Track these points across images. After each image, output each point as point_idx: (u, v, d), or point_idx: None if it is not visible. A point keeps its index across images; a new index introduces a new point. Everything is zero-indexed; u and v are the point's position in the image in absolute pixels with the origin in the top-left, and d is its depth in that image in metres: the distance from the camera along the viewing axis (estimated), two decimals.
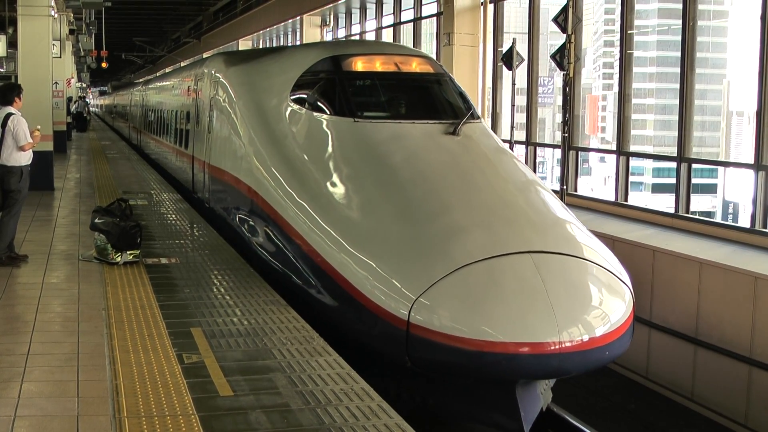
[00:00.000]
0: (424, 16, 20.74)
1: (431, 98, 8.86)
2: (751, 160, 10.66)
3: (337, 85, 8.60)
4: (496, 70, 17.33)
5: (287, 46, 24.98)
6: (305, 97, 8.72)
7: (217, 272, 8.36)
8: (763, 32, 10.33)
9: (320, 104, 8.64)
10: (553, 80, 18.29)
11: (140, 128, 24.87)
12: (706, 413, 9.51)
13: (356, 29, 25.63)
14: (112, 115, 45.92)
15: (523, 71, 15.93)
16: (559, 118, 15.64)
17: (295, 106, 8.68)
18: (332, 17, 27.33)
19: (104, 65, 38.70)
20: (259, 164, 8.64)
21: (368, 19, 24.68)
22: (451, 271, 6.13)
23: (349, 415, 4.81)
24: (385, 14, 23.32)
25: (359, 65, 8.83)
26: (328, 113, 8.45)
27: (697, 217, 11.98)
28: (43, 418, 4.75)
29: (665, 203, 13.07)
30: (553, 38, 17.05)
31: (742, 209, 19.99)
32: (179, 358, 5.72)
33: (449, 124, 8.19)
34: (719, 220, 16.32)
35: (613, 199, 13.31)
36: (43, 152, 13.15)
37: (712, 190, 23.16)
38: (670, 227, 11.66)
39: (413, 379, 6.50)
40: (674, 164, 11.95)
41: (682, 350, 9.92)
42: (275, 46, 32.65)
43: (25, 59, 15.42)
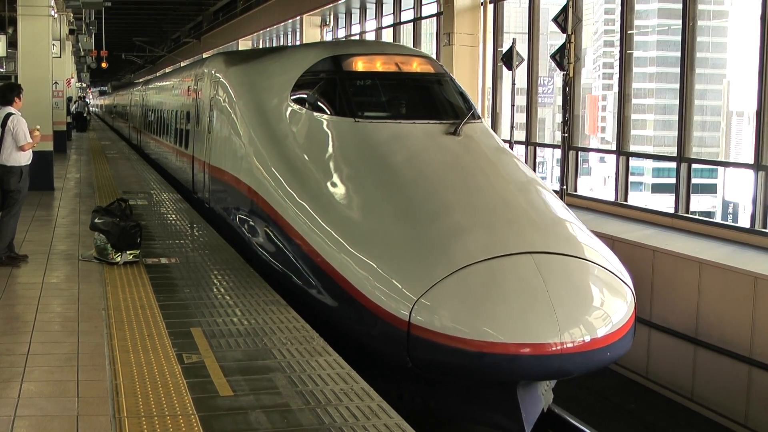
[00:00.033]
0: (424, 16, 20.74)
1: (432, 98, 8.84)
2: (750, 160, 10.66)
3: (337, 85, 8.58)
4: (496, 70, 17.33)
5: (287, 45, 24.98)
6: (306, 97, 8.70)
7: (217, 272, 8.36)
8: (762, 32, 10.33)
9: (321, 104, 8.61)
10: (553, 80, 18.28)
11: (140, 128, 24.86)
12: (706, 413, 9.51)
13: (356, 29, 25.63)
14: (112, 115, 45.91)
15: (523, 71, 15.93)
16: (559, 118, 15.64)
17: (295, 106, 8.66)
18: (332, 17, 27.33)
19: (104, 65, 38.69)
20: (259, 164, 8.62)
21: (368, 19, 24.68)
22: (452, 271, 6.11)
23: (349, 415, 4.81)
24: (385, 14, 23.32)
25: (360, 65, 8.81)
26: (328, 113, 8.43)
27: (696, 217, 11.98)
28: (42, 418, 4.75)
29: (665, 203, 13.07)
30: (553, 38, 17.05)
31: (741, 209, 19.99)
32: (179, 358, 5.72)
33: (450, 124, 8.16)
34: (719, 220, 16.33)
35: (613, 199, 13.31)
36: (43, 152, 13.15)
37: (711, 190, 23.17)
38: (670, 227, 11.66)
39: (414, 380, 6.47)
40: (674, 164, 11.96)
41: (682, 350, 9.92)
42: (275, 46, 32.64)
43: (25, 59, 15.42)
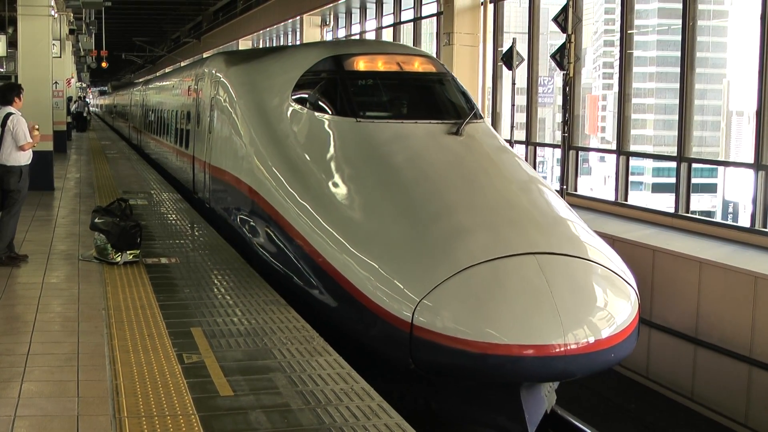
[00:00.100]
0: (424, 15, 20.74)
1: (434, 98, 8.80)
2: (750, 159, 10.66)
3: (338, 84, 8.54)
4: (496, 69, 17.33)
5: (288, 45, 24.98)
6: (307, 96, 8.66)
7: (217, 272, 8.36)
8: (762, 32, 10.33)
9: (322, 104, 8.57)
10: (553, 80, 18.29)
11: (140, 128, 24.85)
12: (706, 413, 9.51)
13: (356, 29, 25.63)
14: (112, 115, 45.91)
15: (523, 71, 15.94)
16: (559, 117, 15.64)
17: (296, 105, 8.62)
18: (332, 17, 27.34)
19: (104, 65, 38.72)
20: (260, 164, 8.59)
21: (368, 19, 24.68)
22: (454, 272, 6.06)
23: (349, 415, 4.81)
24: (385, 14, 23.32)
25: (361, 65, 8.77)
26: (329, 113, 8.39)
27: (697, 216, 11.98)
28: (43, 418, 4.75)
29: (665, 203, 13.07)
30: (553, 38, 17.06)
31: (741, 209, 19.99)
32: (179, 358, 5.72)
33: (452, 124, 8.12)
34: (719, 219, 16.33)
35: (613, 198, 13.31)
36: (43, 152, 13.14)
37: (712, 189, 23.18)
38: (670, 227, 11.65)
39: (416, 381, 6.44)
40: (674, 164, 11.95)
41: (682, 350, 9.91)
42: (276, 45, 32.64)
43: (25, 59, 15.43)
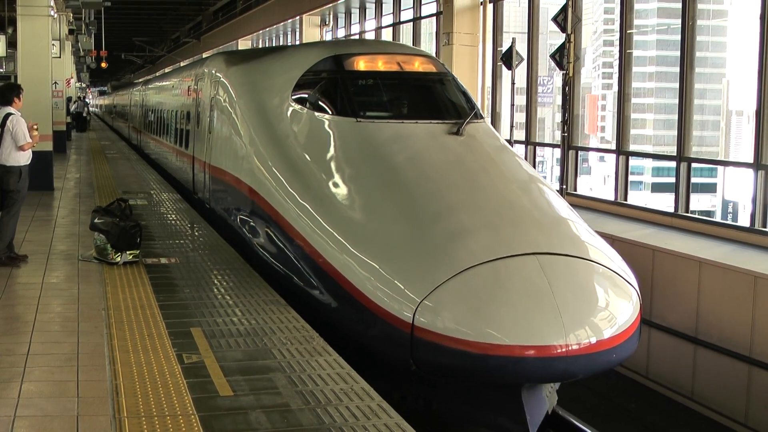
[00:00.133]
0: (423, 15, 20.75)
1: (434, 98, 8.78)
2: (750, 159, 10.66)
3: (339, 84, 8.52)
4: (495, 69, 17.33)
5: (288, 45, 24.97)
6: (307, 96, 8.64)
7: (217, 272, 8.35)
8: (762, 31, 10.33)
9: (322, 104, 8.55)
10: (552, 80, 18.30)
11: (140, 128, 24.85)
12: (706, 412, 9.51)
13: (356, 29, 25.64)
14: (111, 115, 45.91)
15: (522, 71, 15.95)
16: (558, 117, 15.64)
17: (296, 105, 8.60)
18: (332, 17, 27.34)
19: (104, 65, 38.73)
20: (260, 164, 8.58)
21: (368, 18, 24.69)
22: (455, 273, 6.04)
23: (349, 415, 4.81)
24: (384, 14, 23.33)
25: (361, 65, 8.75)
26: (330, 113, 8.37)
27: (696, 216, 11.98)
28: (42, 418, 4.75)
29: (665, 202, 13.08)
30: (552, 38, 17.07)
31: (741, 208, 20.01)
32: (179, 358, 5.72)
33: (453, 123, 8.10)
34: (719, 219, 16.37)
35: (612, 198, 13.32)
36: (42, 152, 13.15)
37: (711, 189, 23.20)
38: (669, 226, 11.65)
39: (417, 381, 6.42)
40: (674, 163, 11.96)
41: (682, 349, 9.91)
42: (276, 45, 32.64)
43: (24, 59, 15.43)
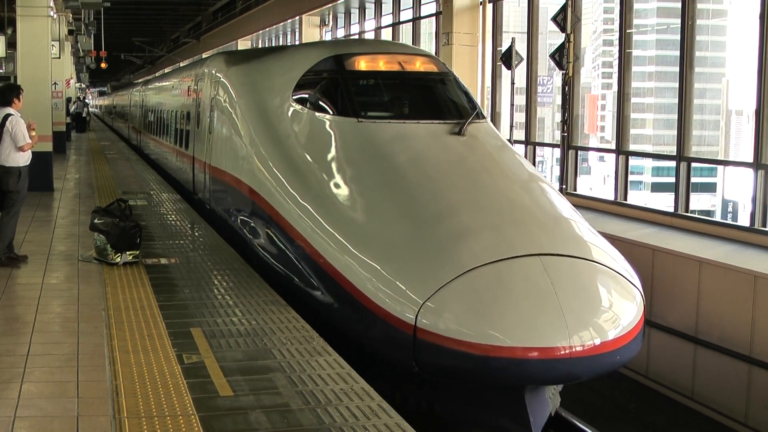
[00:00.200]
0: (423, 15, 20.75)
1: (435, 98, 8.75)
2: (750, 158, 10.66)
3: (340, 84, 8.49)
4: (495, 69, 17.34)
5: (289, 45, 24.96)
6: (307, 96, 8.62)
7: (216, 272, 8.36)
8: (762, 31, 10.34)
9: (323, 104, 8.53)
10: (552, 79, 18.28)
11: (140, 129, 24.85)
12: (706, 412, 9.51)
13: (355, 29, 25.64)
14: (111, 115, 45.91)
15: (522, 70, 15.95)
16: (558, 117, 15.64)
17: (297, 106, 8.58)
18: (331, 17, 27.34)
19: (103, 66, 38.73)
20: (260, 165, 8.56)
21: (367, 18, 24.69)
22: (458, 274, 6.00)
23: (349, 414, 4.81)
24: (384, 14, 23.33)
25: (362, 64, 8.72)
26: (331, 113, 8.35)
27: (696, 216, 11.98)
28: (42, 418, 4.75)
29: (665, 202, 13.07)
30: (552, 37, 17.04)
31: (741, 208, 19.99)
32: (179, 358, 5.72)
33: (454, 123, 8.07)
34: (719, 218, 16.33)
35: (612, 198, 13.32)
36: (42, 153, 13.15)
37: (711, 188, 23.17)
38: (669, 226, 11.65)
39: (419, 383, 6.39)
40: (673, 163, 11.96)
41: (682, 349, 9.91)
42: (276, 45, 32.63)
43: (24, 60, 15.43)
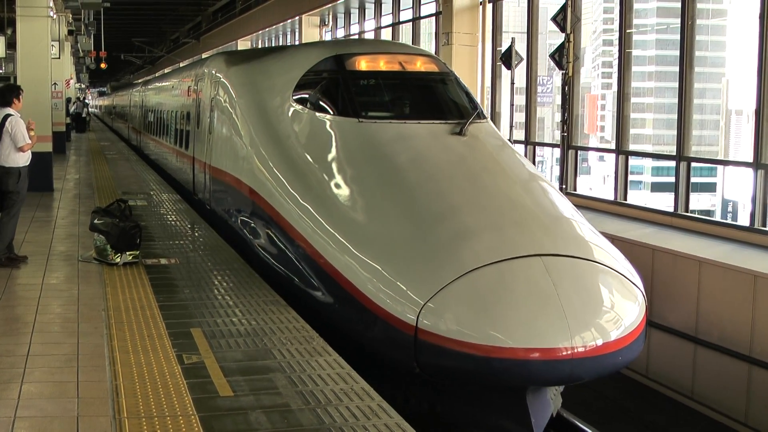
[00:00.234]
0: (423, 15, 20.75)
1: (436, 98, 8.74)
2: (750, 158, 10.66)
3: (340, 84, 8.48)
4: (495, 69, 17.34)
5: (289, 45, 24.96)
6: (308, 96, 8.61)
7: (216, 273, 8.36)
8: (761, 31, 10.34)
9: (323, 104, 8.52)
10: (552, 79, 18.29)
11: (140, 129, 24.85)
12: (706, 412, 9.52)
13: (355, 29, 25.64)
14: (111, 116, 45.92)
15: (522, 70, 15.95)
16: (558, 117, 15.64)
17: (297, 106, 8.56)
18: (331, 17, 27.34)
19: (103, 66, 38.76)
20: (261, 165, 8.54)
21: (367, 19, 24.69)
22: (460, 275, 5.99)
23: (349, 415, 4.81)
24: (384, 14, 23.34)
25: (363, 64, 8.70)
26: (331, 113, 8.34)
27: (696, 215, 11.98)
28: (43, 419, 4.75)
29: (664, 202, 13.08)
30: (552, 37, 17.05)
31: (741, 207, 19.99)
32: (179, 358, 5.72)
33: (455, 124, 8.05)
34: (718, 218, 16.34)
35: (612, 198, 13.32)
36: (42, 153, 13.16)
37: (711, 188, 23.18)
38: (669, 226, 11.65)
39: (421, 385, 6.37)
40: (673, 163, 11.96)
41: (681, 349, 9.92)
42: (276, 45, 32.63)
43: (23, 60, 15.43)
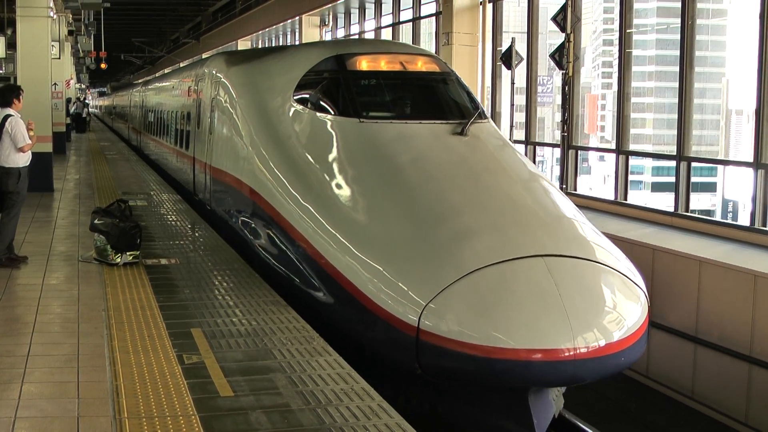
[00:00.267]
0: (423, 15, 20.75)
1: (437, 98, 8.72)
2: (750, 158, 10.66)
3: (341, 84, 8.46)
4: (495, 69, 17.34)
5: (289, 45, 24.95)
6: (309, 96, 8.59)
7: (217, 273, 8.36)
8: (761, 30, 10.34)
9: (324, 104, 8.50)
10: (552, 79, 18.28)
11: (140, 129, 24.85)
12: (706, 412, 9.52)
13: (355, 29, 25.64)
14: (111, 116, 45.93)
15: (522, 70, 15.95)
16: (558, 117, 15.64)
17: (298, 106, 8.55)
18: (331, 17, 27.34)
19: (103, 66, 38.77)
20: (261, 166, 8.53)
21: (367, 19, 24.69)
22: (461, 275, 5.97)
23: (349, 415, 4.81)
24: (384, 14, 23.34)
25: (364, 64, 8.68)
26: (332, 113, 8.32)
27: (696, 215, 11.98)
28: (43, 419, 4.75)
29: (665, 202, 13.08)
30: (552, 37, 17.05)
31: (741, 207, 19.99)
32: (179, 358, 5.72)
33: (457, 124, 8.03)
34: (719, 218, 16.35)
35: (612, 197, 13.32)
36: (42, 153, 13.17)
37: (711, 188, 23.17)
38: (669, 226, 11.65)
39: (422, 386, 6.36)
40: (673, 163, 11.96)
41: (682, 349, 9.92)
42: (277, 45, 32.62)
43: (24, 60, 15.44)
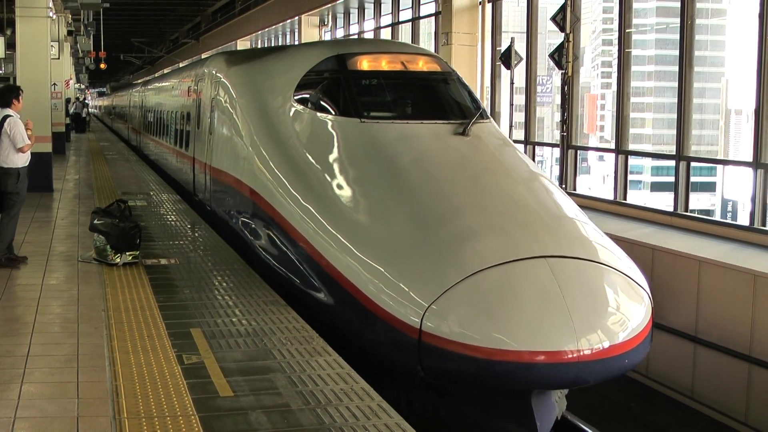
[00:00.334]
0: (422, 15, 20.76)
1: (439, 98, 8.69)
2: (749, 158, 10.67)
3: (342, 84, 8.43)
4: (494, 69, 17.35)
5: (289, 45, 24.93)
6: (309, 96, 8.56)
7: (216, 273, 8.35)
8: (761, 30, 10.34)
9: (325, 104, 8.48)
10: (551, 79, 18.28)
11: (139, 129, 24.84)
12: (706, 411, 9.52)
13: (354, 29, 25.65)
14: (110, 116, 45.93)
15: (521, 70, 15.95)
16: (557, 117, 15.64)
17: (298, 106, 8.52)
18: (331, 17, 27.34)
19: (103, 66, 38.81)
20: (261, 166, 8.51)
21: (366, 18, 24.69)
22: (464, 277, 5.94)
23: (349, 415, 4.81)
24: (383, 14, 23.35)
25: (365, 64, 8.64)
26: (333, 113, 8.29)
27: (696, 215, 11.98)
28: (43, 419, 4.75)
29: (664, 201, 13.08)
30: (551, 37, 17.05)
31: (740, 207, 20.00)
32: (179, 358, 5.72)
33: (458, 124, 7.99)
34: (718, 218, 16.36)
35: (612, 197, 13.32)
36: (41, 154, 13.17)
37: (710, 188, 23.18)
38: (669, 225, 11.66)
39: (424, 388, 6.33)
40: (673, 162, 11.96)
41: (682, 349, 9.92)
42: (277, 45, 32.62)
43: (23, 60, 15.44)
